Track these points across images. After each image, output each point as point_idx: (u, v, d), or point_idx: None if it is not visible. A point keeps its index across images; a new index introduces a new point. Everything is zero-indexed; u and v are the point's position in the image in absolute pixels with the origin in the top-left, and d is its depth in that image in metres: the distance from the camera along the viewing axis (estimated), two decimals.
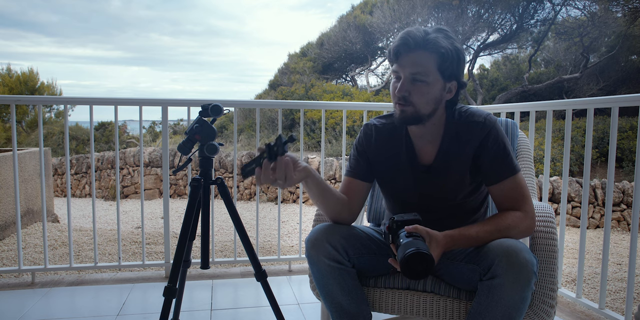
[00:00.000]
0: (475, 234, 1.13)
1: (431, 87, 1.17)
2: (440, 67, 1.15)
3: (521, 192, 1.20)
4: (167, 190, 2.30)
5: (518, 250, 1.05)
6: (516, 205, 1.20)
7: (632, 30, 10.31)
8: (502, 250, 1.06)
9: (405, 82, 1.17)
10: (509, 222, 1.16)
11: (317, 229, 1.25)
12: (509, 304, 1.06)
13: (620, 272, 3.68)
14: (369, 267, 1.28)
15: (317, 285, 1.26)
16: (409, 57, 1.16)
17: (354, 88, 13.11)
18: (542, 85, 11.07)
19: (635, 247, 1.68)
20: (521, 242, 1.11)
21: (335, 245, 1.21)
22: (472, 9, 10.97)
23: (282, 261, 2.54)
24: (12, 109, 2.14)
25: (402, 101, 1.19)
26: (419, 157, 1.29)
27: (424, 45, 1.14)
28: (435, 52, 1.14)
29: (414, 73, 1.15)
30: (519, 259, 1.04)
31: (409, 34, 1.15)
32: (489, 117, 1.24)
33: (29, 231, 4.14)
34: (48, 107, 14.34)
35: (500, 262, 1.05)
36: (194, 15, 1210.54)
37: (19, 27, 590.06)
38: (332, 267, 1.21)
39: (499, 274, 1.05)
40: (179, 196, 7.58)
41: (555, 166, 6.76)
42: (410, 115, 1.19)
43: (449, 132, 1.26)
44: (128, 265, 2.38)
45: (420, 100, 1.17)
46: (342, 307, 1.24)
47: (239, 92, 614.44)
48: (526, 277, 1.04)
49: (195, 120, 1.48)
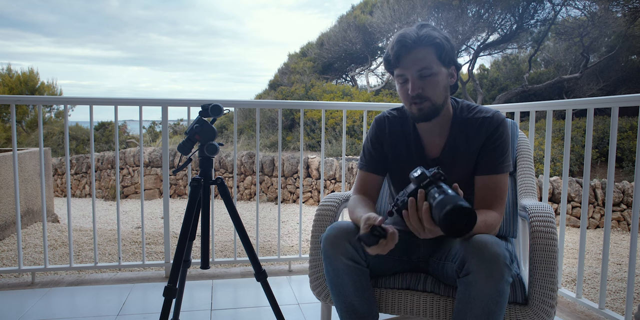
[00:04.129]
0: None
1: (439, 77, 1.22)
2: (440, 56, 1.21)
3: (501, 193, 1.25)
4: (167, 190, 2.30)
5: (489, 245, 1.06)
6: (493, 204, 1.23)
7: (632, 30, 10.31)
8: (473, 246, 1.07)
9: (415, 81, 1.21)
10: (492, 221, 1.19)
11: (336, 226, 1.23)
12: (487, 299, 1.07)
13: (620, 272, 3.68)
14: (377, 267, 1.29)
15: (329, 283, 1.25)
16: (410, 57, 1.20)
17: (354, 88, 13.10)
18: (542, 85, 11.07)
19: (635, 247, 1.68)
20: (492, 236, 1.11)
21: (355, 245, 1.21)
22: (472, 9, 10.96)
23: (282, 261, 2.54)
24: (12, 109, 2.14)
25: (417, 99, 1.22)
26: (426, 151, 1.32)
27: (419, 41, 1.20)
28: (431, 44, 1.20)
29: (419, 70, 1.20)
30: (490, 253, 1.05)
31: (404, 36, 1.21)
32: (497, 114, 1.27)
33: (29, 231, 4.13)
34: (48, 107, 14.35)
35: (472, 258, 1.07)
36: (192, 15, 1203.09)
37: (18, 27, 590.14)
38: (350, 266, 1.20)
39: (473, 270, 1.06)
40: (179, 196, 7.58)
41: (555, 166, 6.76)
42: (429, 110, 1.24)
43: (456, 126, 1.29)
44: (128, 265, 2.38)
45: (434, 92, 1.22)
46: (353, 307, 1.24)
47: (238, 92, 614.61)
48: (499, 270, 1.04)
49: (195, 120, 1.48)
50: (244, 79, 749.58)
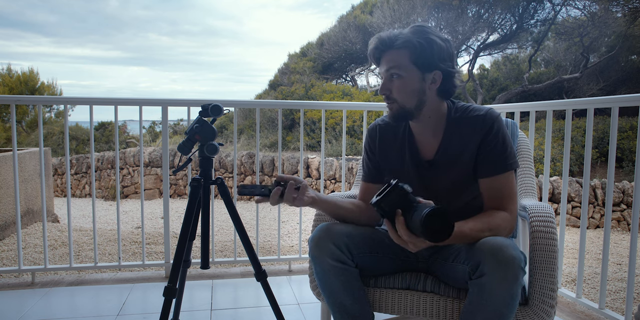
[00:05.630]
0: (469, 231, 1.13)
1: (407, 80, 1.22)
2: (413, 59, 1.21)
3: (509, 191, 1.22)
4: (167, 190, 2.30)
5: (504, 247, 1.05)
6: (503, 204, 1.21)
7: (632, 30, 10.31)
8: (488, 249, 1.07)
9: (385, 81, 1.25)
10: (498, 222, 1.17)
11: (321, 227, 1.25)
12: (499, 301, 1.06)
13: (620, 272, 3.68)
14: (371, 266, 1.29)
15: (320, 285, 1.26)
16: (383, 58, 1.24)
17: (354, 88, 13.10)
18: (542, 85, 11.07)
19: (635, 247, 1.68)
20: (507, 239, 1.11)
21: (339, 245, 1.21)
22: (472, 9, 10.96)
23: (282, 261, 2.54)
24: (12, 109, 2.14)
25: (387, 100, 1.26)
26: (421, 153, 1.32)
27: (390, 44, 1.22)
28: (403, 47, 1.21)
29: (388, 69, 1.23)
30: (505, 256, 1.04)
31: (378, 38, 1.24)
32: (490, 111, 1.26)
33: (29, 231, 4.14)
34: (48, 107, 14.35)
35: (487, 260, 1.06)
36: (192, 16, 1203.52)
37: (17, 27, 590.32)
38: (336, 267, 1.21)
39: (487, 272, 1.06)
40: (179, 196, 7.58)
41: (555, 166, 6.76)
42: (397, 112, 1.26)
43: (450, 127, 1.28)
44: (128, 265, 2.38)
45: (400, 94, 1.24)
46: (345, 308, 1.24)
47: (238, 92, 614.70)
48: (513, 273, 1.04)
49: (195, 120, 1.48)
50: (244, 79, 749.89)
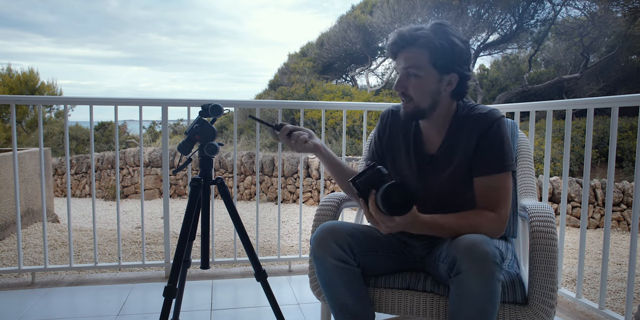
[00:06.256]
0: (444, 222, 1.14)
1: (425, 80, 1.22)
2: (433, 60, 1.20)
3: (502, 193, 1.21)
4: (167, 190, 2.30)
5: (478, 244, 1.06)
6: (493, 205, 1.20)
7: (632, 30, 10.31)
8: (463, 246, 1.07)
9: (401, 78, 1.24)
10: (481, 220, 1.17)
11: (323, 227, 1.24)
12: (479, 298, 1.06)
13: (620, 272, 3.67)
14: (372, 266, 1.29)
15: (322, 284, 1.26)
16: (401, 54, 1.23)
17: (354, 88, 13.09)
18: (542, 85, 11.07)
19: (635, 247, 1.68)
20: (482, 235, 1.10)
21: (341, 245, 1.21)
22: (472, 9, 10.96)
23: (282, 261, 2.54)
24: (12, 109, 2.14)
25: (403, 97, 1.26)
26: (425, 147, 1.33)
27: (412, 41, 1.20)
28: (424, 46, 1.20)
29: (406, 67, 1.22)
30: (479, 252, 1.04)
31: (398, 34, 1.22)
32: (493, 111, 1.26)
33: (29, 231, 4.14)
34: (48, 107, 14.35)
35: (462, 257, 1.06)
36: (192, 15, 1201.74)
37: (17, 27, 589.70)
38: (339, 267, 1.21)
39: (463, 269, 1.06)
40: (179, 196, 7.58)
41: (555, 166, 6.75)
42: (412, 111, 1.26)
43: (454, 124, 1.29)
44: (128, 265, 2.38)
45: (417, 94, 1.23)
46: (347, 307, 1.24)
47: (238, 92, 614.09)
48: (489, 269, 1.04)
49: (195, 120, 1.48)
50: (244, 79, 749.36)
